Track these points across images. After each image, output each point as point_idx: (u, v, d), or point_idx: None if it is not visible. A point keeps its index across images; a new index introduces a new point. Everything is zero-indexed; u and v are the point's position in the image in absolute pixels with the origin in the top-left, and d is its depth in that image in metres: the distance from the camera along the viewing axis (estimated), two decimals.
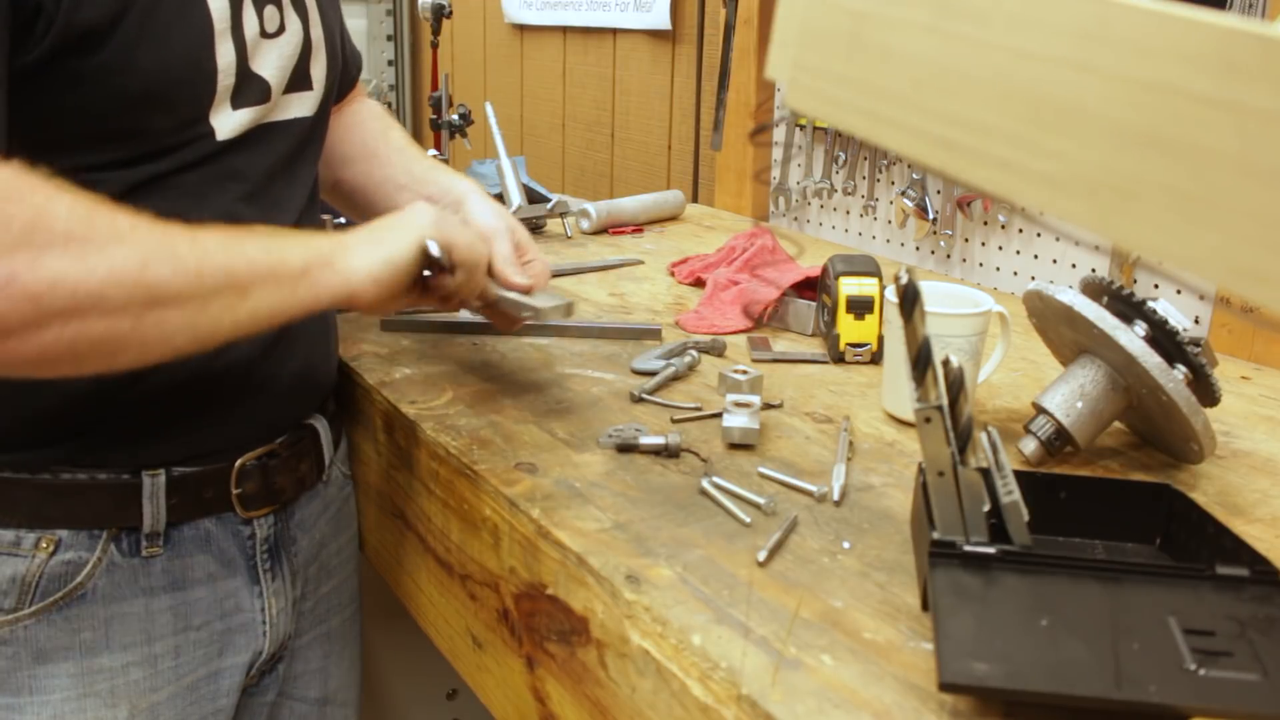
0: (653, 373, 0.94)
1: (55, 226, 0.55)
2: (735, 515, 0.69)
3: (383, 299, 0.70)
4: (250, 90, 0.74)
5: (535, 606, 0.70)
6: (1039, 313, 0.84)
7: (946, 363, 0.57)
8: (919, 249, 1.47)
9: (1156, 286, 1.17)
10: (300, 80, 0.80)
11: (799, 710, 0.50)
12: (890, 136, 0.47)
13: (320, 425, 0.88)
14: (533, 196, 1.53)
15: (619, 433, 0.80)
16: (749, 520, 0.68)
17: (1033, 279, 1.28)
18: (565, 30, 2.30)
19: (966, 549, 0.56)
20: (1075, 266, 1.27)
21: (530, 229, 1.44)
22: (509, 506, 0.71)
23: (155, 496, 0.74)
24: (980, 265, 1.39)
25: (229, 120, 0.72)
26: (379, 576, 0.99)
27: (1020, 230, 1.33)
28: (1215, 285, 1.10)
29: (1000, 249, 1.36)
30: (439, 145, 1.84)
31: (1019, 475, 0.60)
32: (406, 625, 0.98)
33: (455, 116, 1.84)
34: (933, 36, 0.44)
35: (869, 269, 1.00)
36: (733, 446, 0.80)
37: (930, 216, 1.42)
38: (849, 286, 0.99)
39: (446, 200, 0.92)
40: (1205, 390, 0.76)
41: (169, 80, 0.67)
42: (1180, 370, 0.75)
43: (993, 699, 0.50)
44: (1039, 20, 0.40)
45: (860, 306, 0.99)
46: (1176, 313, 0.75)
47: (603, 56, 2.19)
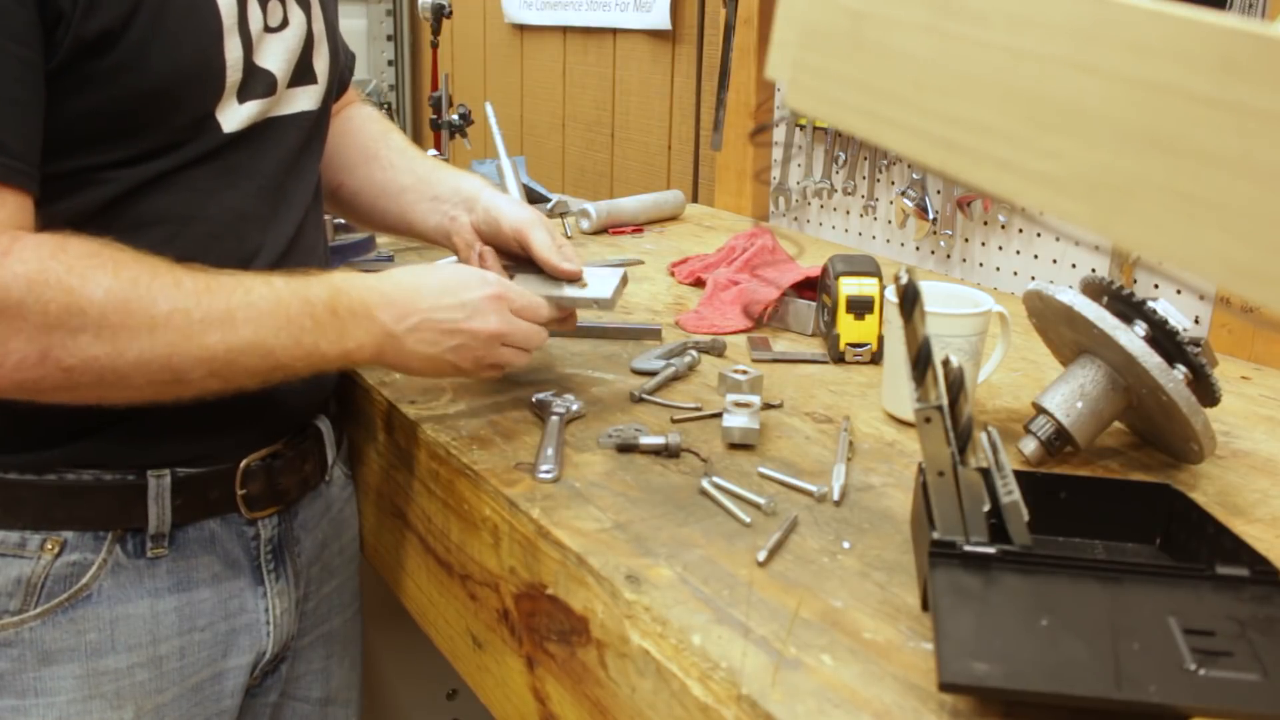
0: (653, 373, 0.94)
1: (89, 311, 0.61)
2: (735, 515, 0.69)
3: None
4: (256, 84, 0.74)
5: (535, 606, 0.70)
6: (1039, 313, 0.84)
7: (946, 363, 0.57)
8: (919, 249, 1.47)
9: (1156, 286, 1.17)
10: (304, 73, 0.80)
11: (799, 710, 0.50)
12: (890, 136, 0.47)
13: (323, 425, 0.88)
14: (533, 196, 1.53)
15: (619, 433, 0.80)
16: (749, 520, 0.68)
17: (1033, 279, 1.28)
18: (565, 30, 2.30)
19: (966, 549, 0.56)
20: (1075, 266, 1.27)
21: None
22: (509, 506, 0.71)
23: (160, 498, 0.74)
24: (980, 265, 1.39)
25: (235, 114, 0.72)
26: (379, 577, 0.99)
27: (1020, 230, 1.33)
28: (1215, 285, 1.10)
29: (1000, 249, 1.36)
30: (439, 145, 1.84)
31: (1019, 475, 0.60)
32: (407, 625, 0.98)
33: (455, 116, 1.84)
34: (932, 36, 0.44)
35: (869, 269, 1.00)
36: (733, 446, 0.80)
37: (930, 216, 1.42)
38: (849, 286, 0.99)
39: (456, 199, 0.92)
40: (1205, 390, 0.76)
41: (179, 78, 0.68)
42: (1180, 370, 0.75)
43: (993, 699, 0.50)
44: (1039, 20, 0.40)
45: (860, 306, 0.99)
46: (1176, 313, 0.75)
47: (603, 56, 2.19)
